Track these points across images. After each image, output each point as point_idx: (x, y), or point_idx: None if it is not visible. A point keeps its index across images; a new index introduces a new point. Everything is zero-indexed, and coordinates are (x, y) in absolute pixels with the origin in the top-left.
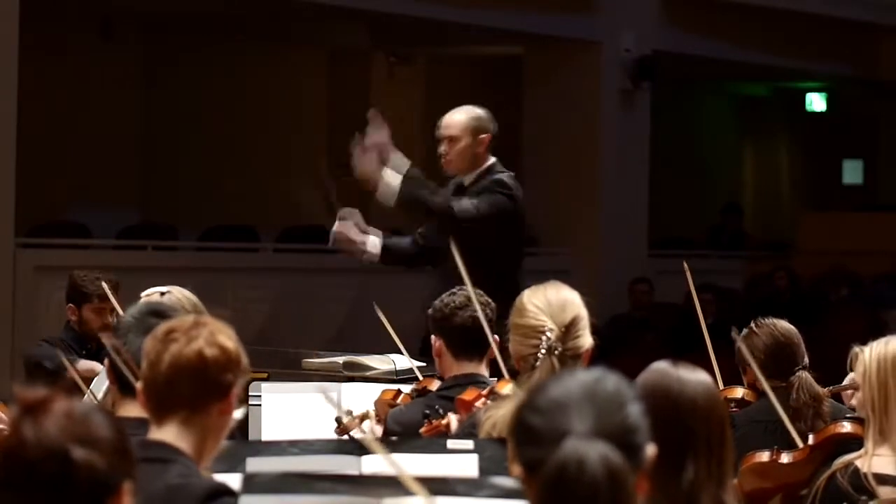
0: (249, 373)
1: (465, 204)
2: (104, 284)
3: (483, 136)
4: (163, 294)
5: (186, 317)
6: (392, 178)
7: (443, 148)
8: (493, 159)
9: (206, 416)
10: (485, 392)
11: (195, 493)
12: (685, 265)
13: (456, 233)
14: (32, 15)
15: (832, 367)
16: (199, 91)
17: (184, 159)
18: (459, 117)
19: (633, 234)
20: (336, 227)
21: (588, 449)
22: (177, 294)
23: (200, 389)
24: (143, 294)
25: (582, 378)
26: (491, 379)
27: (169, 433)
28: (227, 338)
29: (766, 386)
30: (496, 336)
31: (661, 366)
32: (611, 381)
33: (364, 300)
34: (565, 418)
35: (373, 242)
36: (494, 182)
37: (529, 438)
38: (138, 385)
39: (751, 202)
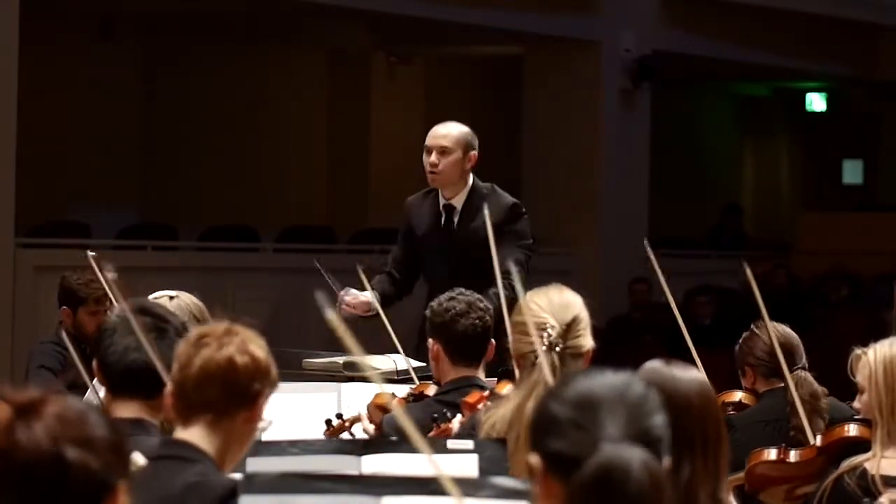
0: (278, 383)
1: (513, 269)
2: (92, 257)
3: (472, 153)
4: (171, 298)
5: (220, 323)
6: None
7: (433, 158)
8: (472, 176)
9: (232, 423)
10: (486, 394)
11: (214, 492)
12: (653, 258)
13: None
14: (32, 15)
15: (832, 368)
16: (198, 91)
17: (184, 159)
18: (452, 130)
19: (633, 234)
20: (344, 309)
21: (630, 455)
22: (185, 300)
23: (228, 395)
24: (150, 297)
25: (611, 378)
26: (489, 380)
27: (194, 435)
28: (258, 347)
29: (785, 368)
30: (493, 340)
31: (653, 364)
32: (639, 386)
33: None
34: (596, 417)
35: (374, 303)
36: (513, 209)
37: (554, 429)
38: (167, 386)
39: (751, 202)
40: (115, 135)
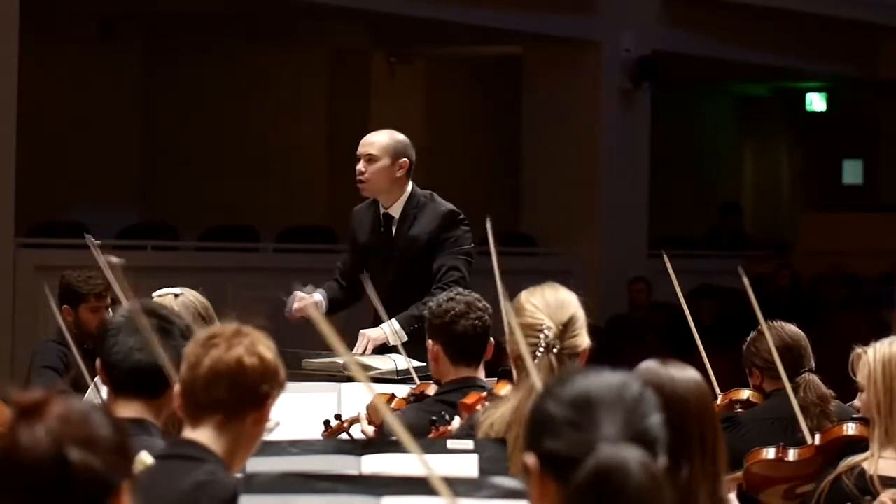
0: (286, 385)
1: (454, 276)
2: (93, 244)
3: (403, 160)
4: (176, 296)
5: (229, 324)
6: (389, 328)
7: (360, 165)
8: (412, 184)
9: (241, 424)
10: (485, 395)
11: (224, 491)
12: (667, 261)
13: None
14: (32, 15)
15: (832, 367)
16: (198, 91)
17: (184, 159)
18: (381, 137)
19: (633, 234)
20: (296, 306)
21: (628, 455)
22: (189, 297)
23: (237, 396)
24: (155, 294)
25: (608, 378)
26: (489, 380)
27: (203, 435)
28: (267, 348)
29: (784, 377)
30: (492, 340)
31: (650, 364)
32: (636, 385)
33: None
34: (593, 417)
35: (321, 303)
36: (448, 216)
37: (550, 429)
38: (175, 386)
39: (751, 202)
40: (115, 135)
